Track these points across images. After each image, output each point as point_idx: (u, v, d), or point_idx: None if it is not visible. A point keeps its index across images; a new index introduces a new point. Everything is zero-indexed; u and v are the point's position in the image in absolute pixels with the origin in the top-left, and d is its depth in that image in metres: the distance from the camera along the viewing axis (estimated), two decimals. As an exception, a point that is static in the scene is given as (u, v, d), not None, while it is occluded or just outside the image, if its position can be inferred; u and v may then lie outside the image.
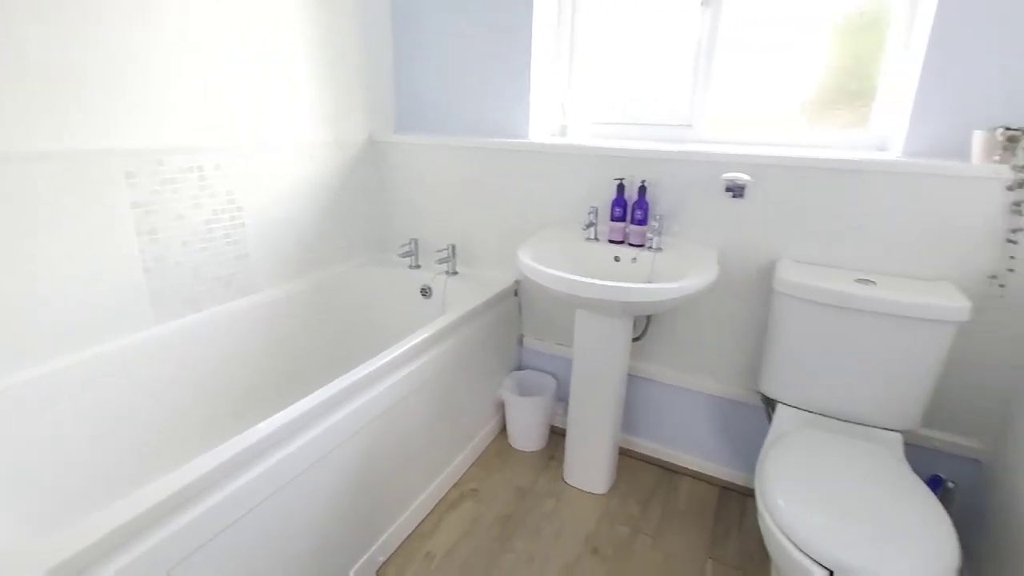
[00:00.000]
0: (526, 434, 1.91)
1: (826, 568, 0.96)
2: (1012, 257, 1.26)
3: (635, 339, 1.76)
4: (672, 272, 1.47)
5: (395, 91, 2.12)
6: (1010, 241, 1.25)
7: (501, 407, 1.99)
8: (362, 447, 1.29)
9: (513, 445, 1.93)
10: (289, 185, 1.80)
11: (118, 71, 1.31)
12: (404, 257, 2.14)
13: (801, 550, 1.00)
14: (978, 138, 1.25)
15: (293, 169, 1.80)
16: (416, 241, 2.12)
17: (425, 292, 2.07)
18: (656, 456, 1.86)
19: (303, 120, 1.80)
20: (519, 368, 2.08)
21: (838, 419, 1.37)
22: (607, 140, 1.83)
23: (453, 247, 2.04)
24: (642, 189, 1.62)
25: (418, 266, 2.13)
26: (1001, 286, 1.28)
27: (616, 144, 1.71)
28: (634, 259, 1.60)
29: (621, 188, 1.65)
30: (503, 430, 2.00)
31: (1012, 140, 1.21)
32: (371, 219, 2.17)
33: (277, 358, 1.79)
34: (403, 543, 1.48)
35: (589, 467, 1.71)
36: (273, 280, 1.80)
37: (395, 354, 1.36)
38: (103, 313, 1.36)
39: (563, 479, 1.76)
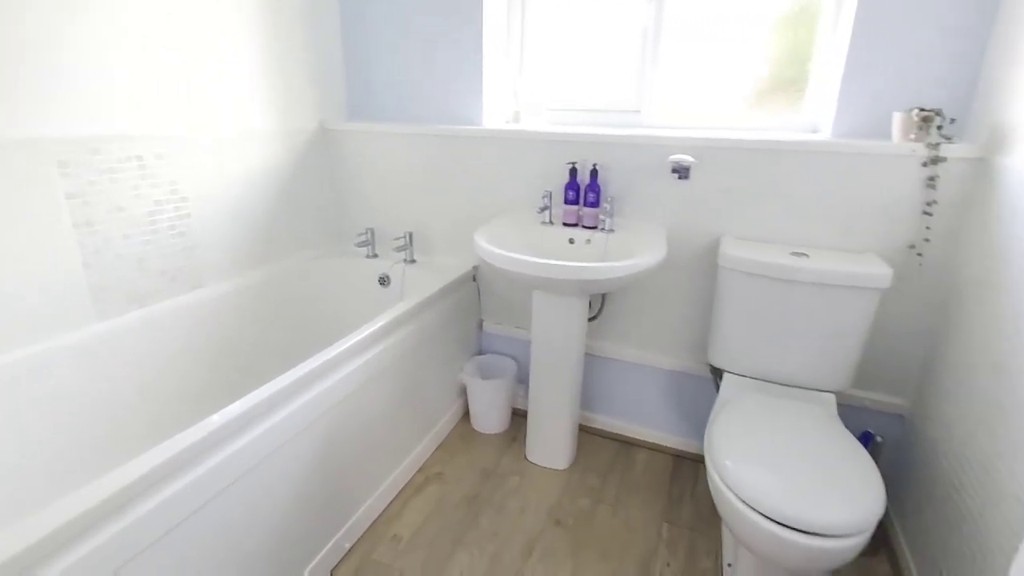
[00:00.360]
0: (488, 417, 1.94)
1: (770, 519, 1.04)
2: (928, 228, 1.38)
3: (591, 319, 1.81)
4: (624, 252, 1.52)
5: (345, 78, 2.08)
6: (926, 213, 1.37)
7: (463, 391, 2.01)
8: (323, 435, 1.28)
9: (476, 428, 1.96)
10: (237, 175, 1.75)
11: (50, 57, 1.24)
12: (361, 247, 2.12)
13: (747, 504, 1.07)
14: (897, 119, 1.36)
15: (240, 159, 1.75)
16: (372, 230, 2.11)
17: (383, 281, 2.06)
18: (614, 431, 1.93)
19: (249, 108, 1.75)
20: (480, 352, 2.10)
21: (778, 383, 1.47)
22: (559, 126, 1.87)
23: (410, 235, 2.04)
24: (594, 173, 1.67)
25: (375, 255, 2.12)
26: (919, 255, 1.40)
27: (568, 129, 1.75)
28: (588, 240, 1.65)
29: (574, 172, 1.69)
30: (466, 414, 2.02)
31: (926, 120, 1.31)
32: (325, 209, 2.14)
33: (230, 354, 1.75)
34: (369, 528, 1.48)
35: (550, 445, 1.76)
36: (223, 274, 1.75)
37: (353, 341, 1.36)
38: (40, 309, 1.30)
39: (526, 458, 1.80)
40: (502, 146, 1.81)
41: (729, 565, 1.35)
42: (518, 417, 1.99)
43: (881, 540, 1.46)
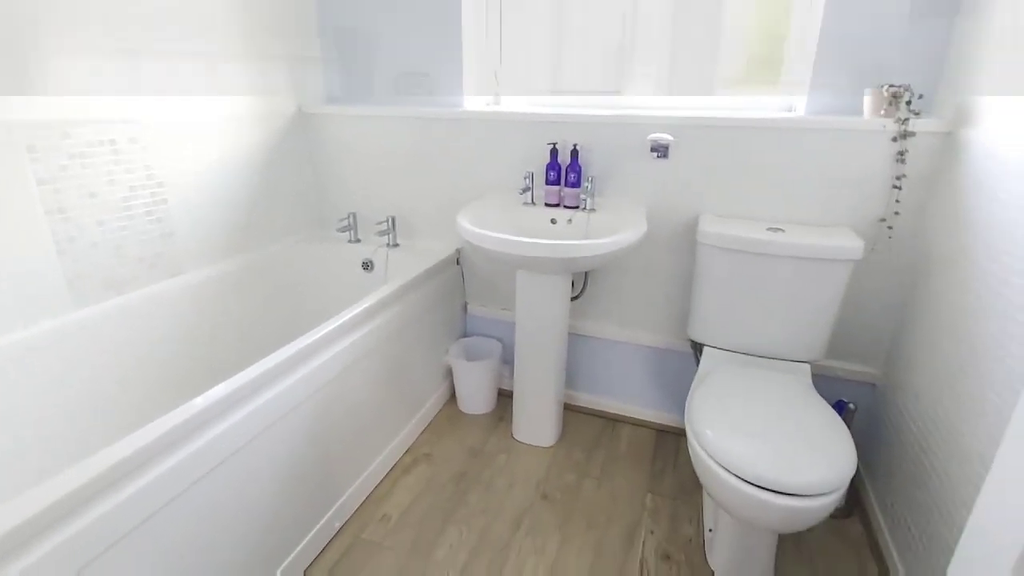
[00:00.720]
0: (475, 398, 1.96)
1: (749, 482, 1.08)
2: (898, 201, 1.42)
3: (574, 298, 1.84)
4: (606, 230, 1.54)
5: (323, 62, 2.05)
6: (895, 187, 1.41)
7: (449, 374, 2.03)
8: (310, 417, 1.29)
9: (463, 410, 1.98)
10: (214, 160, 1.72)
11: (14, 36, 1.20)
12: (342, 232, 2.11)
13: (727, 470, 1.11)
14: (868, 95, 1.39)
15: (218, 143, 1.72)
16: (354, 215, 2.09)
17: (367, 266, 2.06)
18: (598, 408, 1.97)
19: (226, 91, 1.72)
20: (465, 335, 2.12)
21: (755, 355, 1.51)
22: (540, 107, 1.87)
23: (392, 219, 2.03)
24: (575, 153, 1.68)
25: (358, 240, 2.11)
26: (889, 228, 1.45)
27: (548, 110, 1.75)
28: (570, 220, 1.67)
29: (555, 152, 1.70)
30: (452, 396, 2.04)
31: (896, 96, 1.35)
32: (305, 194, 2.12)
33: (211, 341, 1.73)
34: (359, 508, 1.50)
35: (536, 423, 1.79)
36: (203, 261, 1.73)
37: (337, 324, 1.36)
38: (13, 299, 1.27)
39: (512, 436, 1.83)
40: (483, 128, 1.80)
41: (710, 530, 1.40)
42: (504, 398, 2.02)
43: (854, 502, 1.52)
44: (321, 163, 2.10)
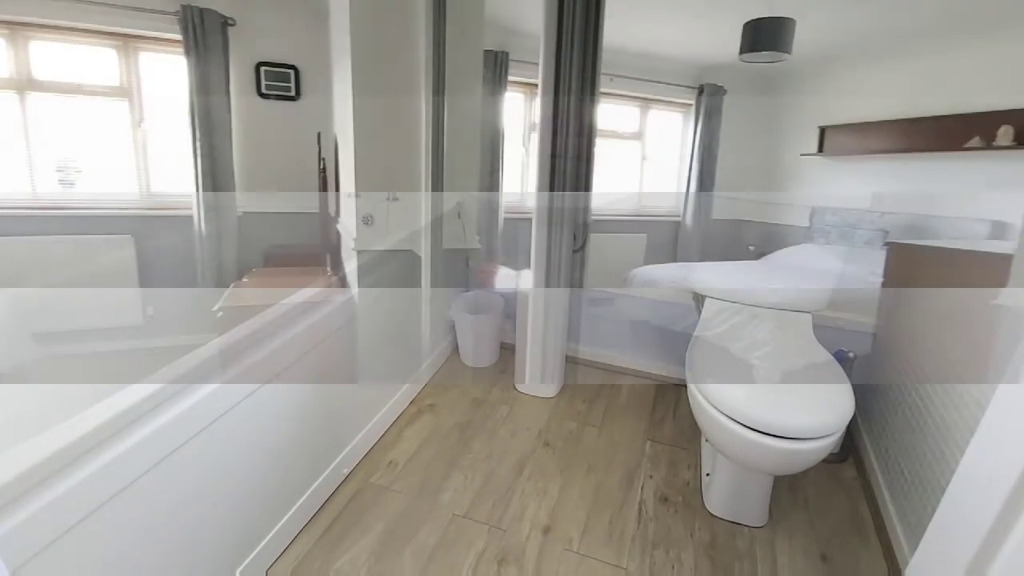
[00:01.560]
0: (478, 351, 1.98)
1: (749, 427, 1.10)
2: (908, 148, 1.38)
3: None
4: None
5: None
6: (907, 133, 1.37)
7: (452, 328, 2.04)
8: (315, 368, 1.30)
9: (466, 363, 2.00)
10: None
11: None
12: (341, 186, 2.07)
13: (727, 415, 1.13)
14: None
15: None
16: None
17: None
18: (600, 361, 1.99)
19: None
20: (468, 290, 2.12)
21: (758, 307, 1.51)
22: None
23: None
24: (577, 101, 1.62)
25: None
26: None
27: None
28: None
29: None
30: (456, 350, 2.06)
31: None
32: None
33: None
34: (366, 456, 1.54)
35: (538, 375, 1.81)
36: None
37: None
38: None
39: (515, 388, 1.86)
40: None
41: (707, 474, 1.43)
42: (506, 351, 2.04)
43: (849, 448, 1.55)
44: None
